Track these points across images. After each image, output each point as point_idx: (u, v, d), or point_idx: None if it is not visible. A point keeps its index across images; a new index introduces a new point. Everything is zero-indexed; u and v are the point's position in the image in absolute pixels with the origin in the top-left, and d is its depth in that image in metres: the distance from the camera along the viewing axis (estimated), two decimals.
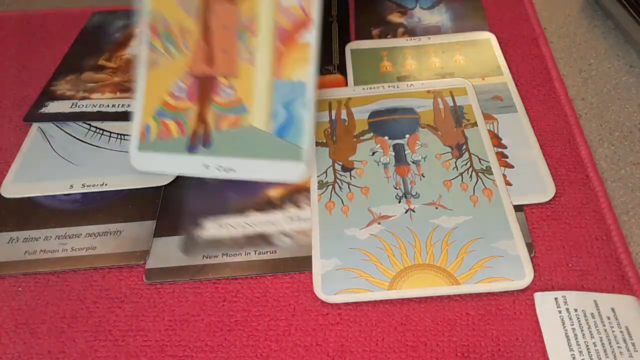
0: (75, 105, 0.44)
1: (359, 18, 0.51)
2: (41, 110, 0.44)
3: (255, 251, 0.35)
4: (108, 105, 0.44)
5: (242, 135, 0.36)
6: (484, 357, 0.30)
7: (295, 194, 0.38)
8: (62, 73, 0.47)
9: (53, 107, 0.44)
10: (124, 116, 0.43)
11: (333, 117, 0.42)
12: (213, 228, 0.36)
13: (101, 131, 0.43)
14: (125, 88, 0.45)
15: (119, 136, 0.42)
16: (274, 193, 0.38)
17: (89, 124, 0.43)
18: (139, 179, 0.39)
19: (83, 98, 0.45)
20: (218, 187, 0.38)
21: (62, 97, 0.45)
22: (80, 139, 0.42)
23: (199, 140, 0.37)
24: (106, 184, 0.39)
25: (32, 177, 0.40)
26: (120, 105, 0.44)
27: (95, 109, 0.44)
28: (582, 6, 0.50)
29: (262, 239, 0.35)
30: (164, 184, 0.39)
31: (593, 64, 0.45)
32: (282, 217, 0.36)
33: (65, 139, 0.43)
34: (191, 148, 0.37)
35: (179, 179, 0.39)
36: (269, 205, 0.37)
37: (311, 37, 0.35)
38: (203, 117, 0.37)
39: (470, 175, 0.37)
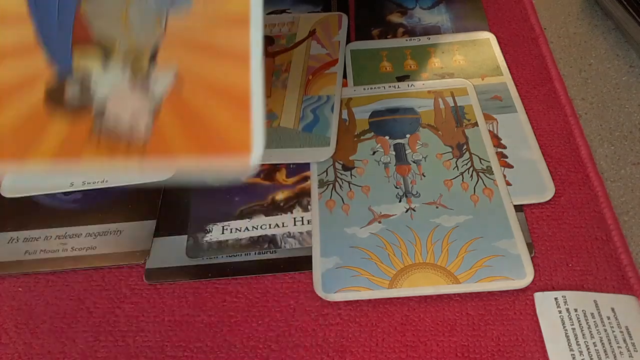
0: None
1: (358, 18, 0.51)
2: None
3: (256, 251, 0.35)
4: None
5: (270, 132, 0.41)
6: (484, 357, 0.30)
7: (301, 196, 0.38)
8: None
9: None
10: None
11: None
12: (217, 230, 0.36)
13: None
14: None
15: None
16: (280, 196, 0.38)
17: None
18: (139, 176, 0.39)
19: None
20: (221, 189, 0.38)
21: None
22: None
23: None
24: (107, 181, 0.39)
25: (32, 177, 0.40)
26: None
27: None
28: (582, 6, 0.50)
29: (267, 242, 0.35)
30: (164, 179, 0.39)
31: (593, 64, 0.45)
32: (289, 219, 0.36)
33: None
34: None
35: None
36: (275, 208, 0.37)
37: (337, 68, 0.43)
38: None
39: (471, 175, 0.37)
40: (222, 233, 0.36)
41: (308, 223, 0.36)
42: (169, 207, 0.38)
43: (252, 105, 0.24)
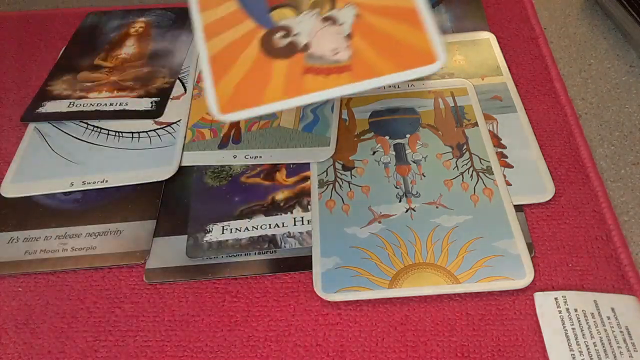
0: (73, 105, 0.44)
1: None
2: (38, 110, 0.44)
3: (256, 251, 0.35)
4: (106, 104, 0.44)
5: (270, 132, 0.41)
6: (484, 357, 0.30)
7: (301, 196, 0.38)
8: (58, 73, 0.47)
9: (50, 106, 0.44)
10: (122, 114, 0.43)
11: None
12: (217, 230, 0.36)
13: (99, 129, 0.43)
14: (121, 87, 0.45)
15: (117, 134, 0.42)
16: (280, 196, 0.38)
17: (87, 123, 0.43)
18: (139, 175, 0.39)
19: (80, 97, 0.45)
20: (221, 189, 0.38)
21: (59, 97, 0.45)
22: (79, 137, 0.42)
23: (229, 139, 0.41)
24: (107, 181, 0.39)
25: (31, 177, 0.40)
26: (117, 104, 0.44)
27: (93, 108, 0.44)
28: (582, 6, 0.50)
29: (267, 242, 0.35)
30: (164, 179, 0.39)
31: (593, 64, 0.45)
32: (289, 219, 0.36)
33: (64, 138, 0.42)
34: (222, 145, 0.41)
35: (179, 179, 0.39)
36: (275, 208, 0.37)
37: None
38: (235, 123, 0.42)
39: (471, 175, 0.37)
40: (222, 233, 0.36)
41: (308, 223, 0.36)
42: (169, 207, 0.38)
43: (424, 21, 0.29)
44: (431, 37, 0.29)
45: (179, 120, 0.43)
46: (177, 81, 0.45)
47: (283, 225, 0.36)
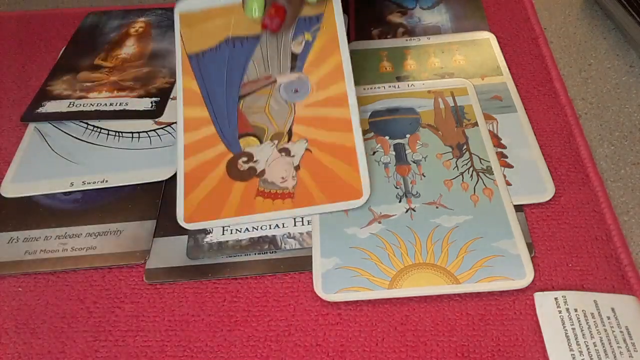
0: (73, 105, 0.44)
1: (359, 18, 0.51)
2: (38, 110, 0.44)
3: (256, 252, 0.35)
4: (106, 104, 0.44)
5: None
6: (484, 357, 0.30)
7: None
8: (58, 73, 0.47)
9: (50, 106, 0.44)
10: (122, 115, 0.43)
11: None
12: (217, 231, 0.36)
13: (99, 129, 0.43)
14: (121, 87, 0.45)
15: (117, 134, 0.42)
16: None
17: (87, 123, 0.43)
18: (139, 175, 0.39)
19: (80, 97, 0.45)
20: None
21: (59, 97, 0.45)
22: (79, 137, 0.42)
23: None
24: (107, 181, 0.39)
25: (31, 177, 0.40)
26: (117, 104, 0.44)
27: (93, 108, 0.44)
28: (582, 6, 0.50)
29: (267, 242, 0.35)
30: (164, 179, 0.39)
31: (593, 64, 0.45)
32: (289, 219, 0.36)
33: (64, 138, 0.42)
34: None
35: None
36: None
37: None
38: None
39: (471, 175, 0.37)
40: (223, 234, 0.36)
41: (308, 224, 0.36)
42: (169, 207, 0.37)
43: (359, 161, 0.35)
44: (361, 176, 0.35)
45: None
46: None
47: (283, 226, 0.36)
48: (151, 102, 0.44)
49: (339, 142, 0.36)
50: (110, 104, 0.44)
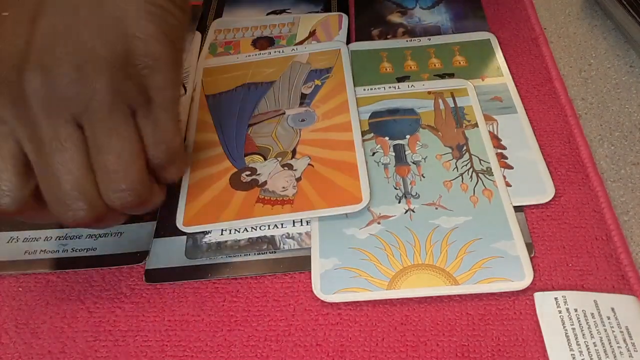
0: None
1: (358, 18, 0.51)
2: None
3: (255, 252, 0.35)
4: None
5: None
6: (484, 357, 0.30)
7: None
8: None
9: None
10: None
11: None
12: (215, 231, 0.36)
13: None
14: None
15: None
16: None
17: None
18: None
19: None
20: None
21: None
22: None
23: None
24: None
25: None
26: None
27: None
28: (582, 6, 0.50)
29: (266, 243, 0.35)
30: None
31: (593, 64, 0.45)
32: (288, 220, 0.36)
33: None
34: None
35: (179, 179, 0.39)
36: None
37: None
38: None
39: (471, 176, 0.37)
40: (221, 234, 0.36)
41: (307, 224, 0.36)
42: (169, 208, 0.37)
43: (360, 173, 0.37)
44: (362, 185, 0.36)
45: (178, 121, 0.42)
46: None
47: (282, 226, 0.36)
48: None
49: (341, 159, 0.38)
50: None
